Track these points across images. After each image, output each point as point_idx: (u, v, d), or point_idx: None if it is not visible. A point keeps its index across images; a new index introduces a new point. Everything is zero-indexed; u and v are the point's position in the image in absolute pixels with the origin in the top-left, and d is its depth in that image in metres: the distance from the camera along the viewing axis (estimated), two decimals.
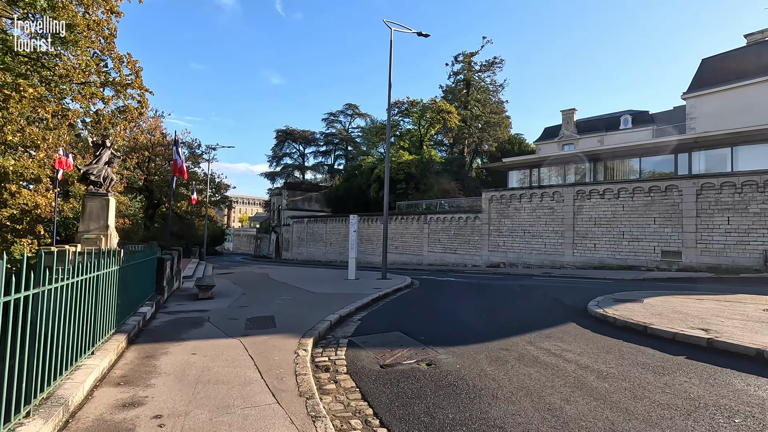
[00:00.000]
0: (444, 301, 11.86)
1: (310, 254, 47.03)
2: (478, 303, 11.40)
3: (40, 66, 15.51)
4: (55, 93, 14.55)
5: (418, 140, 48.65)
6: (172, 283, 13.62)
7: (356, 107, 74.24)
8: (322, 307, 10.00)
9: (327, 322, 8.35)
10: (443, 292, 13.98)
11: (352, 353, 6.51)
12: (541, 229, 26.00)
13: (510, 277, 20.44)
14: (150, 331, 7.60)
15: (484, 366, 5.73)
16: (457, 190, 43.97)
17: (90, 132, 19.91)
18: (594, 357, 6.04)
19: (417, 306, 11.00)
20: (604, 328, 7.78)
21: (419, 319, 9.13)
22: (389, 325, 8.55)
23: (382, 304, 11.40)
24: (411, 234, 35.01)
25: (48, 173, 16.87)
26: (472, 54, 53.16)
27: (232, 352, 6.11)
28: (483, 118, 53.65)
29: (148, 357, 5.87)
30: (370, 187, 44.97)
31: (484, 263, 28.82)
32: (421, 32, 18.64)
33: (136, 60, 17.34)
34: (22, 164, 14.54)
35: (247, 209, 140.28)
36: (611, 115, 46.66)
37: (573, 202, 24.57)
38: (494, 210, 28.65)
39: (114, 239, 16.60)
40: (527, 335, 7.39)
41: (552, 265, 24.98)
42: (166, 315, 9.34)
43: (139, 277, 9.09)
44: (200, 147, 44.91)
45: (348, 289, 13.60)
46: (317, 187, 63.51)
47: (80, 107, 16.45)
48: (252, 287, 14.99)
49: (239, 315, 9.28)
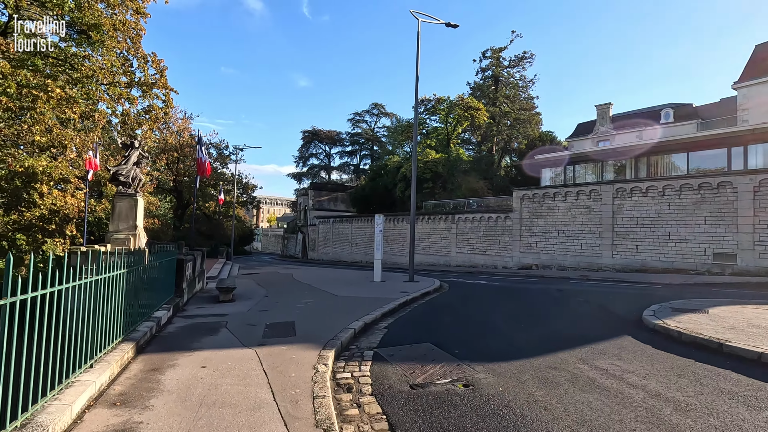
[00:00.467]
0: (477, 308, 10.98)
1: (335, 254, 46.75)
2: (515, 310, 10.47)
3: (69, 67, 15.59)
4: (82, 93, 14.55)
5: (445, 138, 47.58)
6: (194, 284, 13.31)
7: (382, 107, 73.66)
8: (345, 313, 9.34)
9: (350, 330, 7.67)
10: (475, 297, 13.09)
11: (377, 369, 5.80)
12: (576, 230, 24.59)
13: (545, 280, 19.26)
14: (163, 339, 7.12)
15: (531, 389, 4.89)
16: (486, 190, 42.61)
17: (119, 133, 20.08)
18: (664, 382, 5.09)
19: (448, 313, 10.18)
20: (666, 344, 6.75)
21: (451, 329, 8.32)
22: (418, 334, 7.79)
23: (410, 309, 10.65)
24: (438, 234, 34.07)
25: (77, 173, 16.99)
26: (501, 49, 51.59)
27: (244, 366, 5.50)
28: (512, 115, 51.97)
29: (153, 370, 5.34)
30: (396, 187, 44.24)
31: (515, 265, 27.59)
32: (449, 23, 17.78)
33: (161, 59, 17.25)
34: (51, 165, 14.61)
35: (275, 210, 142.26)
36: (650, 109, 44.22)
37: (612, 201, 23.07)
38: (526, 209, 27.37)
39: (142, 239, 16.53)
40: (577, 350, 6.47)
41: (589, 268, 23.55)
42: (183, 320, 8.90)
43: (154, 279, 8.68)
44: (228, 148, 45.38)
45: (373, 293, 12.92)
46: (343, 187, 63.30)
47: (107, 108, 16.49)
48: (275, 289, 14.54)
49: (258, 320, 8.73)
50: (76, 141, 14.99)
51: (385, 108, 73.70)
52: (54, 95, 13.89)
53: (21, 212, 14.67)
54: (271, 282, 17.11)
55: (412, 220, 16.97)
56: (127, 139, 17.61)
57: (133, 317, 6.79)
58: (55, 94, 13.93)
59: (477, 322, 8.90)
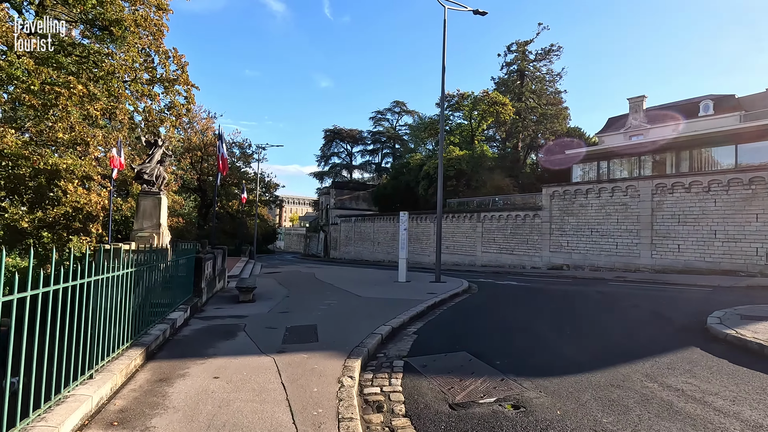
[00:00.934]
0: (513, 311, 10.15)
1: (357, 253, 46.29)
2: (556, 315, 9.60)
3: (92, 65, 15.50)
4: (104, 90, 14.42)
5: (469, 135, 46.42)
6: (214, 283, 12.92)
7: (404, 104, 72.85)
8: (371, 316, 8.69)
9: (377, 336, 7.01)
10: (508, 299, 12.24)
11: (410, 382, 5.10)
12: (611, 228, 23.25)
13: (579, 281, 18.15)
14: (176, 343, 6.62)
15: (596, 414, 4.10)
16: (512, 187, 41.30)
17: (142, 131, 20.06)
18: (762, 408, 4.21)
19: (481, 316, 9.39)
20: (746, 359, 5.81)
21: (488, 335, 7.55)
22: (452, 341, 7.06)
23: (440, 312, 9.90)
24: (463, 233, 33.10)
25: (100, 171, 16.96)
26: (527, 42, 50.02)
27: (261, 378, 4.90)
28: (538, 110, 50.36)
29: (161, 380, 4.79)
30: (418, 185, 43.40)
31: (544, 265, 26.41)
32: (477, 10, 16.90)
33: (182, 54, 17.02)
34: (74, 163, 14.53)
35: (298, 209, 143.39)
36: (688, 101, 41.92)
37: (651, 198, 21.67)
38: (556, 207, 26.14)
39: (166, 237, 16.33)
40: (639, 364, 5.61)
41: (625, 268, 22.21)
42: (200, 321, 8.43)
43: (170, 278, 8.24)
44: (250, 147, 45.52)
45: (399, 294, 12.23)
46: (364, 186, 62.85)
47: (129, 105, 16.38)
48: (297, 289, 14.03)
49: (279, 323, 8.17)
50: (98, 138, 14.88)
51: (407, 106, 72.96)
52: (76, 92, 13.77)
53: (45, 210, 14.66)
54: (293, 281, 16.65)
55: (439, 218, 16.19)
56: (150, 138, 17.49)
57: (145, 320, 6.31)
58: (77, 90, 13.81)
59: (516, 329, 8.09)
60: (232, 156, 44.72)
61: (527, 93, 50.56)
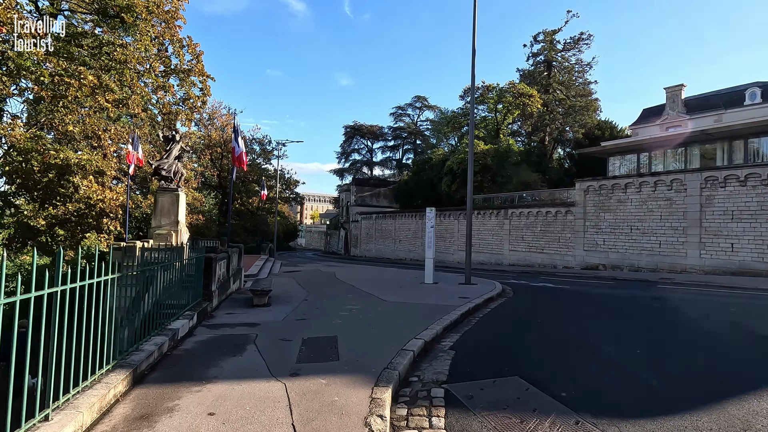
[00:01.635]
0: (561, 321, 8.88)
1: (378, 251, 45.29)
2: (614, 326, 8.29)
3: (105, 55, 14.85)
4: (115, 79, 13.75)
5: (494, 129, 44.73)
6: (228, 285, 12.06)
7: (425, 99, 71.20)
8: (398, 325, 7.60)
9: (409, 353, 5.90)
10: (551, 306, 10.94)
11: (457, 422, 3.98)
12: (654, 225, 21.48)
13: (623, 283, 16.60)
14: (174, 360, 5.66)
15: None
16: (540, 182, 39.47)
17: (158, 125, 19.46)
18: None
19: (527, 328, 8.17)
20: None
21: (541, 354, 6.34)
22: (499, 361, 5.89)
23: (476, 321, 8.72)
24: (489, 230, 31.65)
25: (114, 166, 16.44)
26: (554, 31, 47.83)
27: (267, 416, 3.86)
28: (567, 102, 48.13)
29: (142, 418, 3.81)
30: (441, 181, 42.01)
31: (577, 264, 24.78)
32: None
33: (197, 43, 16.23)
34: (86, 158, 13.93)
35: (318, 206, 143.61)
36: (732, 89, 39.14)
37: (700, 192, 19.83)
38: (591, 203, 24.45)
39: (185, 235, 15.64)
40: (753, 401, 4.33)
41: (669, 269, 20.45)
42: (207, 330, 7.50)
43: (175, 282, 7.34)
44: (270, 143, 45.00)
45: (427, 298, 11.09)
46: (385, 183, 61.76)
47: (142, 97, 15.70)
48: (316, 290, 13.06)
49: (294, 333, 7.16)
50: (110, 131, 14.23)
51: (428, 101, 71.23)
52: (86, 82, 13.11)
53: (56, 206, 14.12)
54: (313, 282, 15.72)
55: (469, 214, 14.95)
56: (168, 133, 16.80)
57: (139, 332, 5.39)
58: (87, 81, 13.15)
59: (572, 345, 6.85)
60: (252, 153, 44.32)
61: (555, 84, 48.40)
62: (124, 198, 19.32)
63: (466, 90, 46.92)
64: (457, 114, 48.98)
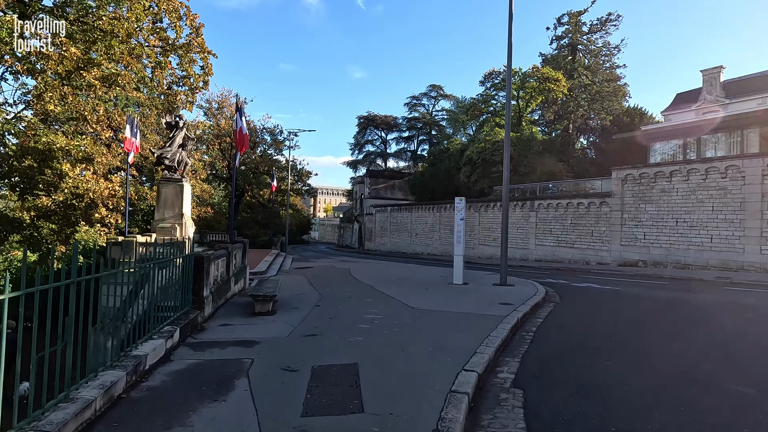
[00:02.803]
0: (642, 338, 6.98)
1: (393, 245, 43.53)
2: (717, 343, 6.38)
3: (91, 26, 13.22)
4: (102, 52, 12.13)
5: (517, 116, 42.29)
6: (228, 287, 10.41)
7: (440, 88, 68.65)
8: (435, 346, 5.84)
9: (462, 399, 4.11)
10: (615, 315, 9.04)
11: None
12: (704, 218, 19.25)
13: (678, 284, 14.51)
14: (127, 408, 3.96)
15: None
16: (565, 172, 37.14)
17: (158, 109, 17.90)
18: None
19: (603, 348, 6.30)
20: None
21: (648, 397, 4.49)
22: (592, 410, 4.06)
23: (531, 339, 6.88)
24: (512, 223, 29.48)
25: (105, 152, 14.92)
26: (580, 12, 45.00)
27: None
28: (593, 88, 45.34)
29: None
30: (459, 171, 40.00)
31: (613, 260, 22.64)
32: None
33: (196, 14, 14.50)
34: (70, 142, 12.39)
35: (332, 200, 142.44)
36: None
37: (761, 179, 17.55)
38: (629, 193, 22.24)
39: (190, 228, 14.05)
40: None
41: (722, 266, 18.24)
42: (189, 352, 5.83)
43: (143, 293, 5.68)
44: (281, 133, 43.35)
45: (462, 304, 9.29)
46: (400, 174, 59.83)
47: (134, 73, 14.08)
48: (330, 292, 11.35)
49: (302, 357, 5.45)
50: (99, 112, 12.66)
51: (443, 90, 68.70)
52: (68, 55, 11.52)
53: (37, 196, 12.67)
54: (326, 280, 14.04)
55: (505, 204, 13.03)
56: (171, 119, 15.18)
57: (63, 375, 3.71)
58: (69, 54, 11.56)
59: (683, 378, 4.98)
60: (263, 143, 42.80)
61: (580, 69, 45.65)
62: (122, 188, 17.84)
63: (487, 75, 44.51)
64: (477, 101, 46.60)
